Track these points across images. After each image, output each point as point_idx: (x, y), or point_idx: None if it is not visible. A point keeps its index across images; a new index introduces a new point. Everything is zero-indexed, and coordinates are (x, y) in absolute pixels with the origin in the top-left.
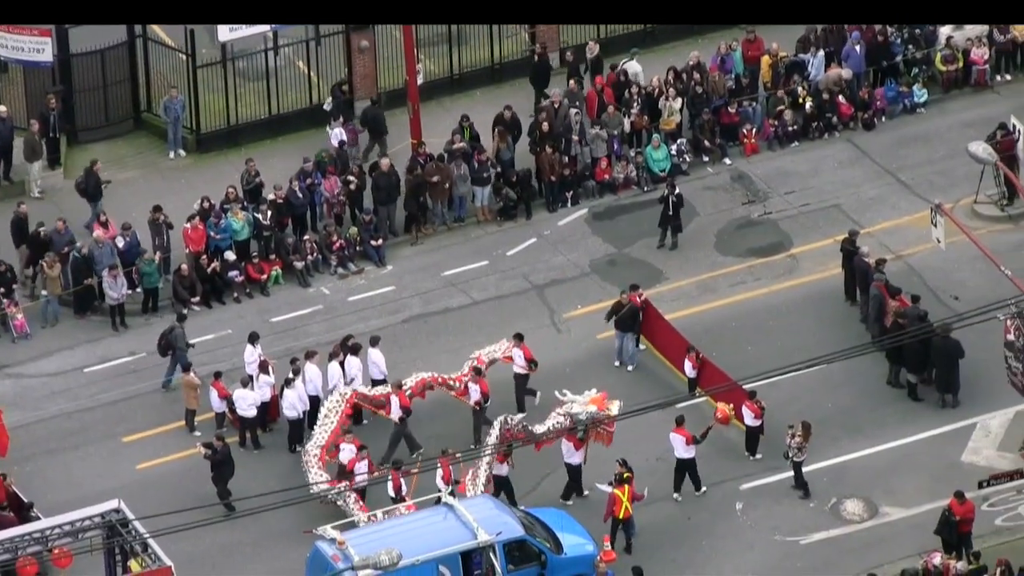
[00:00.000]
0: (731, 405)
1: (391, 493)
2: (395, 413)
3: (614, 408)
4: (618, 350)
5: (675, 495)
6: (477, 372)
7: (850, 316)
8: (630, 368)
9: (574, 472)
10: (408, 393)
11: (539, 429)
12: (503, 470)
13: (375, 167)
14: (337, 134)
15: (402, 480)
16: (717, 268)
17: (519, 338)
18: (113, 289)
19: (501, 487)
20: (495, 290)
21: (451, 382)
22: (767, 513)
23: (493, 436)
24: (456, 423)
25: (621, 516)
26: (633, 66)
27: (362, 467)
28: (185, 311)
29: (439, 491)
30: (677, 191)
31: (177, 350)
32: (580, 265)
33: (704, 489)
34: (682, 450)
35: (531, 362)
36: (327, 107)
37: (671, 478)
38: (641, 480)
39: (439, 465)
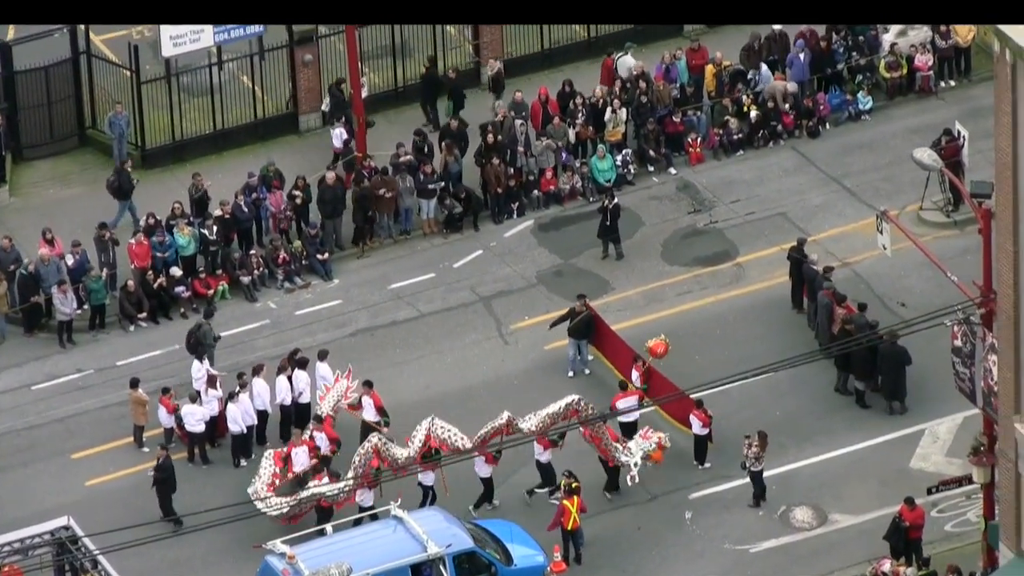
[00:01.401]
0: (664, 338)
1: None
2: (300, 465)
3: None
4: (571, 359)
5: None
6: (318, 420)
7: (797, 324)
8: (587, 372)
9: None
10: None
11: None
12: (545, 457)
13: (321, 180)
14: (339, 134)
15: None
16: (663, 278)
17: (368, 385)
18: (64, 304)
19: (545, 474)
20: (442, 302)
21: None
22: (717, 522)
23: (556, 408)
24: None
25: (570, 527)
26: (627, 60)
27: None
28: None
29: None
30: (615, 201)
31: (205, 346)
32: (527, 276)
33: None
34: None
35: (381, 411)
36: (325, 107)
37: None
38: (589, 491)
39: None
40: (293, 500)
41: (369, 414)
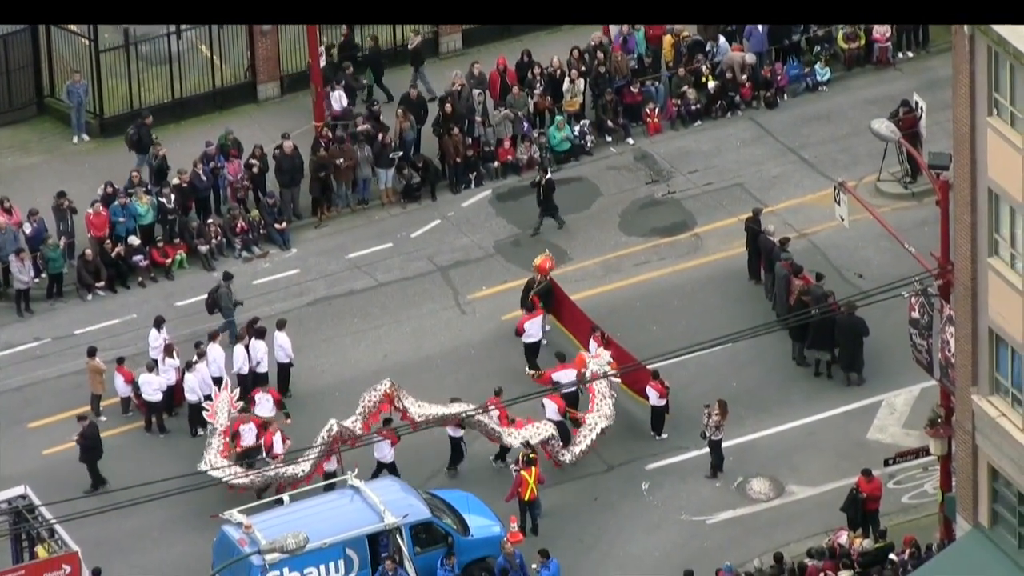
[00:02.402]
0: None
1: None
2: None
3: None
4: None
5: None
6: (244, 410)
7: (754, 295)
8: (544, 342)
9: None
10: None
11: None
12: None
13: (279, 149)
14: (338, 96)
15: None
16: (621, 248)
17: (264, 381)
18: (22, 273)
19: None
20: (400, 272)
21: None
22: (673, 492)
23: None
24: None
25: (527, 498)
26: None
27: (276, 440)
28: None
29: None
30: (548, 176)
31: (224, 308)
32: (484, 246)
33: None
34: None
35: (280, 404)
36: None
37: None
38: (546, 461)
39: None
40: (314, 447)
41: (265, 409)
